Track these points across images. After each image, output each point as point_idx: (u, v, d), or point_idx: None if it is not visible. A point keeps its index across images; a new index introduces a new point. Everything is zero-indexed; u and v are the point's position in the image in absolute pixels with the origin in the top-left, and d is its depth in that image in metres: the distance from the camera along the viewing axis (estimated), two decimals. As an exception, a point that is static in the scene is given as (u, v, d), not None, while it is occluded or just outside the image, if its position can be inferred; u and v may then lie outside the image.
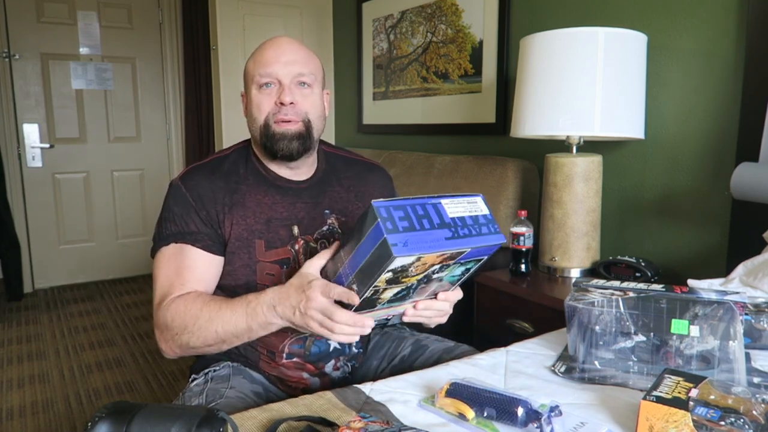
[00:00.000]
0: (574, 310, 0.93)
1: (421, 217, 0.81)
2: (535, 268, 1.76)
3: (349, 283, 0.85)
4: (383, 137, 2.98)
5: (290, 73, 1.08)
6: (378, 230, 0.77)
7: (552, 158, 1.67)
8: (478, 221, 0.87)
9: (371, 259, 0.79)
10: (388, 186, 1.28)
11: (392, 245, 0.75)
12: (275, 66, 1.07)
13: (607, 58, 1.50)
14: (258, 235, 1.08)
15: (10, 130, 3.52)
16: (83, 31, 3.70)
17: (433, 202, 0.84)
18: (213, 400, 0.99)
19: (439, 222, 0.82)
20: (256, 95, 1.09)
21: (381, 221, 0.77)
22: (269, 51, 1.09)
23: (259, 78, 1.08)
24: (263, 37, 3.48)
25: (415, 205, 0.82)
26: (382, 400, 0.84)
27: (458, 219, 0.85)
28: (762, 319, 0.98)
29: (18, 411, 2.15)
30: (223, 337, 0.97)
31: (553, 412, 0.72)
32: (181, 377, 2.45)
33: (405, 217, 0.80)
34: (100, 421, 0.63)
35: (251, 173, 1.13)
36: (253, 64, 1.10)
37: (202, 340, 0.98)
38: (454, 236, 0.82)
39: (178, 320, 1.00)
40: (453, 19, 2.43)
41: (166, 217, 1.09)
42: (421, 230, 0.80)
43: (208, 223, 1.08)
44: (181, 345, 1.01)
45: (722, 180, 1.56)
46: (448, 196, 0.87)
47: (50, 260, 3.76)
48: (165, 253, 1.07)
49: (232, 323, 0.96)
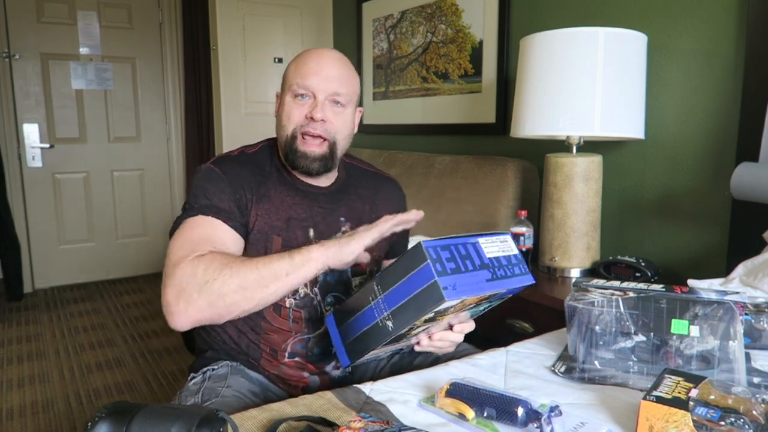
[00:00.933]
0: (574, 310, 0.93)
1: (464, 258, 0.82)
2: (535, 268, 1.76)
3: (383, 318, 0.85)
4: (383, 137, 2.98)
5: (326, 89, 1.07)
6: (427, 271, 0.77)
7: (552, 158, 1.67)
8: (510, 262, 0.90)
9: (416, 299, 0.80)
10: (401, 200, 1.30)
11: (443, 288, 0.76)
12: (313, 79, 1.06)
13: (607, 58, 1.50)
14: (277, 231, 1.08)
15: (10, 130, 3.52)
16: (83, 31, 3.70)
17: (472, 242, 0.85)
18: (209, 399, 0.99)
19: (480, 263, 0.84)
20: (289, 102, 1.09)
21: (431, 262, 0.77)
22: (311, 62, 1.08)
23: (295, 87, 1.07)
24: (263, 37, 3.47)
25: (458, 245, 0.83)
26: (382, 400, 0.84)
27: (495, 259, 0.87)
28: (762, 319, 0.98)
29: (18, 411, 2.15)
30: (263, 273, 0.92)
31: (553, 412, 0.72)
32: (181, 377, 2.45)
33: (451, 258, 0.80)
34: (100, 421, 0.63)
35: (275, 171, 1.14)
36: (294, 70, 1.09)
37: (239, 281, 0.91)
38: (494, 278, 0.84)
39: (213, 266, 0.92)
40: (453, 19, 2.43)
41: (196, 194, 1.05)
42: (466, 272, 0.81)
43: (239, 206, 1.06)
44: (210, 294, 0.91)
45: (722, 180, 1.56)
46: (483, 235, 0.89)
47: (50, 260, 3.76)
48: (191, 222, 1.02)
49: (275, 259, 0.93)
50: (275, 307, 1.09)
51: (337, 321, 0.95)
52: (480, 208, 1.99)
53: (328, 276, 1.12)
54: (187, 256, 0.95)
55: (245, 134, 3.14)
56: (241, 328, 1.11)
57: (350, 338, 0.93)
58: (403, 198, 1.31)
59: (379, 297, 0.85)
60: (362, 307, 0.88)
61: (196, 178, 1.09)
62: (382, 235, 0.93)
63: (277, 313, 1.09)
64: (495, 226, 1.94)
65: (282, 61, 3.29)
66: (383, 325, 0.85)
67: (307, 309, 1.10)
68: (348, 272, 1.15)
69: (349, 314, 0.91)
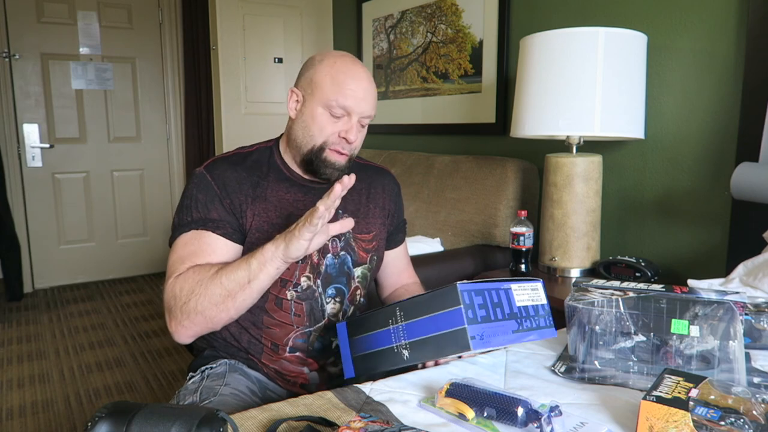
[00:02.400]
0: (574, 310, 0.93)
1: (495, 306, 0.83)
2: (535, 268, 1.76)
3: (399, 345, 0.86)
4: (383, 137, 2.98)
5: (361, 112, 1.09)
6: (458, 316, 0.78)
7: (552, 158, 1.67)
8: (538, 312, 0.90)
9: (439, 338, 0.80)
10: (396, 190, 1.32)
11: (471, 338, 0.77)
12: (354, 101, 1.07)
13: (607, 58, 1.50)
14: (278, 228, 1.09)
15: (10, 130, 3.52)
16: (83, 31, 3.70)
17: (505, 288, 0.86)
18: (207, 398, 1.00)
19: (509, 312, 0.84)
20: (321, 115, 1.09)
21: (463, 309, 0.78)
22: (352, 82, 1.08)
23: (334, 104, 1.07)
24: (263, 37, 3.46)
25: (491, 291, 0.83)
26: (382, 400, 0.84)
27: (523, 308, 0.88)
28: (762, 319, 0.98)
29: (18, 411, 2.15)
30: (227, 287, 0.97)
31: (553, 412, 0.72)
32: (180, 377, 2.45)
33: (483, 305, 0.81)
34: (100, 421, 0.63)
35: (273, 171, 1.15)
36: (331, 84, 1.08)
37: (208, 298, 0.97)
38: (519, 329, 0.85)
39: (186, 287, 0.99)
40: (453, 19, 2.43)
41: (188, 204, 1.09)
42: (495, 321, 0.82)
43: (230, 211, 1.08)
44: (189, 313, 0.99)
45: (722, 180, 1.56)
46: (516, 281, 0.89)
47: (50, 260, 3.76)
48: (183, 239, 1.07)
49: (235, 269, 0.97)
50: (276, 300, 1.10)
51: (350, 332, 0.96)
52: (480, 208, 1.99)
53: (330, 268, 1.13)
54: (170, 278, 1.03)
55: (245, 134, 3.14)
56: (242, 324, 1.12)
57: (360, 353, 0.94)
58: (397, 188, 1.33)
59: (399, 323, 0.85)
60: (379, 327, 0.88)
61: (189, 184, 1.12)
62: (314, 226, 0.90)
63: (279, 307, 1.10)
64: (495, 226, 1.94)
65: (282, 61, 3.29)
66: (398, 352, 0.86)
67: (309, 301, 1.11)
68: (349, 263, 1.16)
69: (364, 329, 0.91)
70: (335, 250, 1.15)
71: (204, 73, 3.53)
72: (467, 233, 2.02)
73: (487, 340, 0.79)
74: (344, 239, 1.16)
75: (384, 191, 1.28)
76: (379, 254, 1.24)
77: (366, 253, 1.19)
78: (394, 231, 1.31)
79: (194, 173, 1.13)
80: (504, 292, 0.85)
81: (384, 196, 1.27)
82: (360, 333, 0.94)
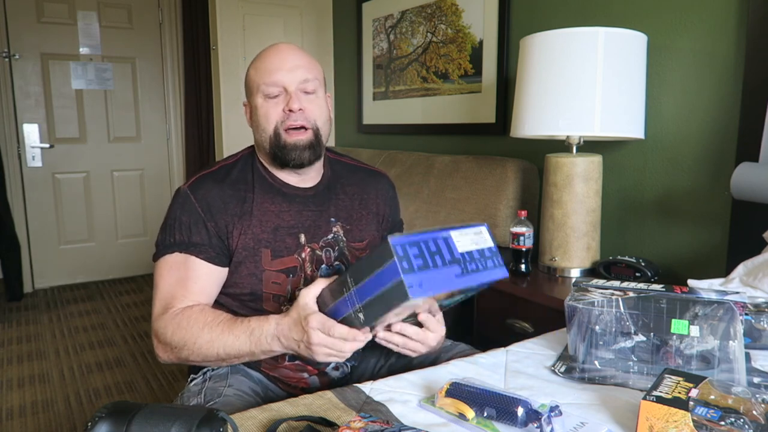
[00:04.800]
0: (574, 310, 0.93)
1: (434, 254, 0.81)
2: (535, 268, 1.76)
3: (355, 311, 0.86)
4: (383, 137, 2.98)
5: (295, 79, 1.07)
6: (394, 269, 0.77)
7: (552, 158, 1.67)
8: (484, 255, 0.88)
9: (383, 294, 0.80)
10: (391, 193, 1.29)
11: (408, 287, 0.76)
12: (279, 74, 1.06)
13: (607, 58, 1.50)
14: (264, 244, 1.08)
15: (10, 130, 3.52)
16: (83, 31, 3.70)
17: (444, 236, 0.84)
18: (211, 400, 0.99)
19: (450, 258, 0.83)
20: (262, 105, 1.08)
21: (397, 260, 0.77)
22: (272, 59, 1.08)
23: (264, 87, 1.07)
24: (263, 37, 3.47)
25: (428, 241, 0.82)
26: (382, 400, 0.84)
27: (467, 254, 0.86)
28: (762, 319, 0.98)
29: (18, 411, 2.15)
30: (224, 357, 0.99)
31: (553, 412, 0.72)
32: (181, 377, 2.45)
33: (419, 254, 0.80)
34: (100, 421, 0.63)
35: (258, 181, 1.13)
36: (256, 72, 1.09)
37: (201, 358, 1.00)
38: (464, 272, 0.83)
39: (177, 337, 1.00)
40: (453, 19, 2.43)
41: (172, 225, 1.08)
42: (434, 268, 0.80)
43: (215, 234, 1.07)
44: (179, 358, 1.02)
45: (722, 180, 1.56)
46: (457, 228, 0.88)
47: (50, 260, 3.76)
48: (168, 261, 1.07)
49: (236, 348, 0.97)
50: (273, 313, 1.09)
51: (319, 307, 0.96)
52: (480, 208, 1.99)
53: (324, 276, 1.12)
54: (164, 312, 1.04)
55: (245, 134, 3.14)
56: None
57: None
58: (392, 190, 1.30)
59: (351, 289, 0.85)
60: (338, 298, 0.88)
61: (173, 203, 1.10)
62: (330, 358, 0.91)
63: None
64: (495, 226, 1.94)
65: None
66: (356, 317, 0.86)
67: None
68: None
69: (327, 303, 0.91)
70: (329, 261, 1.13)
71: (204, 73, 3.53)
72: (467, 233, 2.02)
73: (427, 287, 0.78)
74: (338, 249, 1.14)
75: (378, 195, 1.24)
76: None
77: None
78: (389, 233, 1.28)
79: (179, 191, 1.10)
80: (443, 240, 0.84)
81: (377, 201, 1.24)
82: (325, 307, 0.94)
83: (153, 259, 1.10)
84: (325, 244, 1.13)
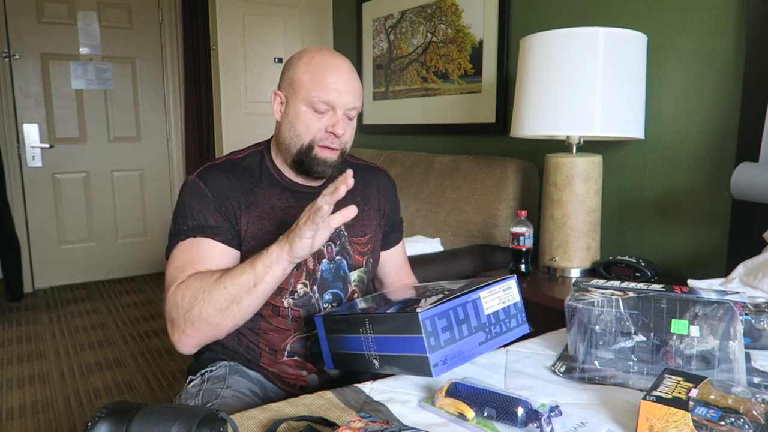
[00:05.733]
0: (574, 310, 0.93)
1: (461, 323, 0.82)
2: (535, 268, 1.76)
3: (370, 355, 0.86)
4: (383, 137, 2.98)
5: (345, 104, 1.07)
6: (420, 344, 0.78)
7: (552, 158, 1.67)
8: (509, 313, 0.89)
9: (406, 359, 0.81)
10: (392, 189, 1.30)
11: (433, 366, 0.77)
12: (333, 94, 1.06)
13: (607, 58, 1.50)
14: (272, 236, 1.08)
15: (10, 130, 3.52)
16: (83, 31, 3.70)
17: (473, 299, 0.84)
18: (209, 401, 0.99)
19: (476, 325, 0.83)
20: (305, 113, 1.07)
21: (425, 337, 0.77)
22: (331, 76, 1.06)
23: (315, 101, 1.06)
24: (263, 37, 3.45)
25: (457, 308, 0.82)
26: (382, 400, 0.84)
27: (493, 315, 0.86)
28: (762, 319, 0.98)
29: (18, 411, 2.15)
30: (232, 291, 0.95)
31: (553, 412, 0.72)
32: (180, 377, 2.45)
33: (447, 327, 0.80)
34: (100, 421, 0.63)
35: (265, 176, 1.14)
36: (310, 80, 1.07)
37: (213, 304, 0.96)
38: (488, 338, 0.84)
39: (188, 294, 0.97)
40: (453, 19, 2.43)
41: (182, 213, 1.08)
42: (461, 339, 0.81)
43: (227, 217, 1.07)
44: (193, 321, 0.97)
45: (722, 180, 1.56)
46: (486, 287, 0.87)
47: (50, 260, 3.76)
48: (181, 247, 1.06)
49: (239, 273, 0.96)
50: (273, 307, 1.09)
51: (326, 327, 0.96)
52: (480, 208, 1.99)
53: (325, 273, 1.12)
54: (170, 287, 1.01)
55: (245, 134, 3.15)
56: (240, 329, 1.11)
57: (337, 350, 0.95)
58: (393, 187, 1.31)
59: (369, 334, 0.85)
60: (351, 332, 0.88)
61: (182, 193, 1.10)
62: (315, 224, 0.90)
63: (276, 313, 1.10)
64: (495, 226, 1.94)
65: (282, 61, 3.29)
66: (369, 360, 0.87)
67: (306, 308, 1.10)
68: (345, 267, 1.15)
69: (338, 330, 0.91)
70: (330, 255, 1.13)
71: (204, 73, 3.53)
72: (467, 233, 2.02)
73: (451, 362, 0.79)
74: (339, 244, 1.15)
75: (379, 191, 1.26)
76: (375, 256, 1.23)
77: (362, 257, 1.18)
78: (389, 230, 1.29)
79: (186, 182, 1.11)
80: (471, 304, 0.84)
81: (379, 197, 1.25)
82: (335, 332, 0.94)
83: (166, 253, 1.08)
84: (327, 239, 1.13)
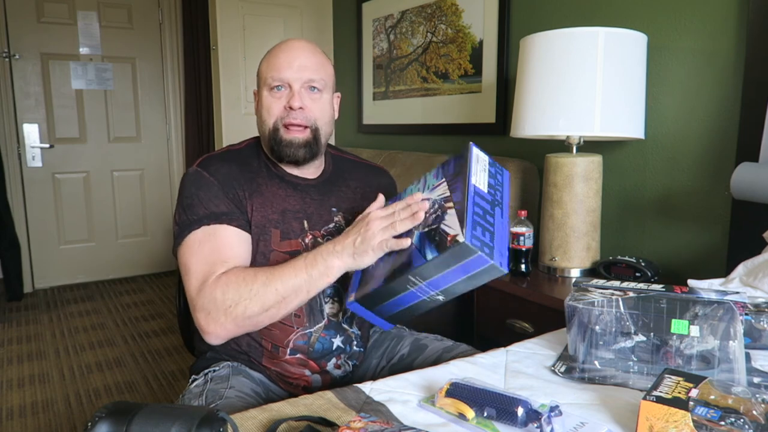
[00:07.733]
0: (574, 310, 0.93)
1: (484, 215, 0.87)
2: (535, 268, 1.76)
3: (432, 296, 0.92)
4: (383, 137, 2.98)
5: (301, 78, 1.09)
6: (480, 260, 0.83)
7: (552, 158, 1.67)
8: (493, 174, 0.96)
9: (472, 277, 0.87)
10: (392, 189, 1.31)
11: (500, 265, 0.84)
12: (287, 71, 1.08)
13: (607, 58, 1.50)
14: (274, 224, 1.09)
15: (10, 130, 3.52)
16: (83, 31, 3.70)
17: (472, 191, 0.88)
18: (212, 401, 0.99)
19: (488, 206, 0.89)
20: (266, 97, 1.11)
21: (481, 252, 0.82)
22: (282, 55, 1.10)
23: (270, 81, 1.09)
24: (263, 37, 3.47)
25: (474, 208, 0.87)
26: (382, 400, 0.84)
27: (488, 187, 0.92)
28: (762, 319, 0.98)
29: (18, 411, 2.15)
30: (283, 294, 0.97)
31: (553, 412, 0.72)
32: (181, 377, 2.45)
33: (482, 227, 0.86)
34: (100, 421, 0.63)
35: (264, 166, 1.15)
36: (266, 66, 1.11)
37: (260, 304, 0.97)
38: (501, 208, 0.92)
39: (231, 292, 0.97)
40: (453, 19, 2.43)
41: (190, 203, 1.07)
42: (494, 227, 0.88)
43: (236, 203, 1.08)
44: (236, 317, 0.97)
45: (722, 180, 1.56)
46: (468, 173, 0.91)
47: (50, 260, 3.76)
48: (194, 238, 1.04)
49: (292, 276, 0.97)
50: None
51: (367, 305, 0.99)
52: (480, 208, 1.99)
53: None
54: (206, 280, 1.00)
55: (245, 134, 3.11)
56: None
57: (390, 314, 0.99)
58: (393, 187, 1.32)
59: (420, 284, 0.90)
60: (399, 293, 0.93)
61: (186, 183, 1.10)
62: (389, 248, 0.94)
63: None
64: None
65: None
66: (431, 300, 0.93)
67: (308, 303, 1.10)
68: None
69: (382, 299, 0.95)
70: None
71: (204, 73, 3.53)
72: (467, 233, 2.02)
73: (502, 248, 0.86)
74: None
75: (380, 190, 1.26)
76: None
77: None
78: None
79: (187, 173, 1.11)
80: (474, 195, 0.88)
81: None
82: (378, 303, 0.96)
83: (174, 248, 1.08)
84: (326, 233, 1.14)
